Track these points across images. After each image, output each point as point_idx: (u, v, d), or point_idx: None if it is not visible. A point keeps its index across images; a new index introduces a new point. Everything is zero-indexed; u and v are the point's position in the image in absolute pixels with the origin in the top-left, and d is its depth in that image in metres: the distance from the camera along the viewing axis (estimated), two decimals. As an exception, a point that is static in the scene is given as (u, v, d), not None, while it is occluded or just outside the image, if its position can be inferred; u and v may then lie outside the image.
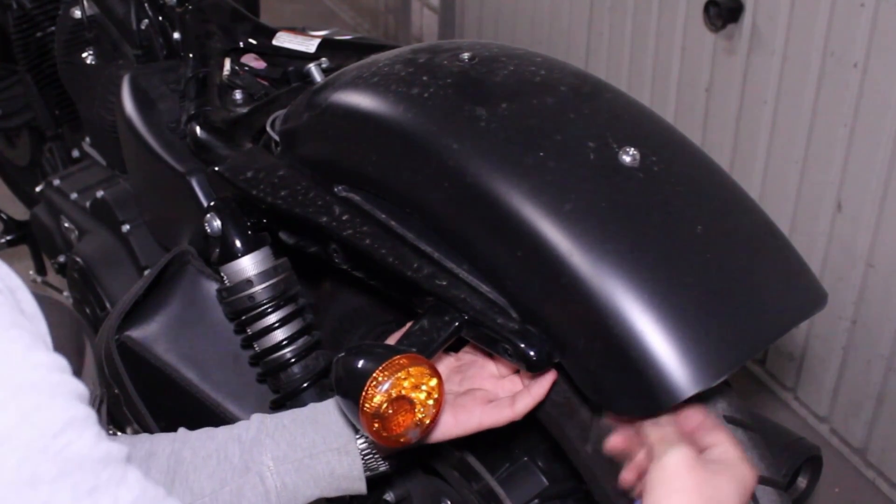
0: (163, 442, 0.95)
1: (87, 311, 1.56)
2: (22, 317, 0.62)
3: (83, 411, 0.61)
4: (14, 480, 0.56)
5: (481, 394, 0.93)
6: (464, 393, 0.93)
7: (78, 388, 0.61)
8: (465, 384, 0.95)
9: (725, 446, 0.79)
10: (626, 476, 0.84)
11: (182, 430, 0.97)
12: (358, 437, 0.93)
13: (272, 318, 1.08)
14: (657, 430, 0.79)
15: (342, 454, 0.92)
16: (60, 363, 0.61)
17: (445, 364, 0.99)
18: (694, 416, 0.81)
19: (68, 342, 1.05)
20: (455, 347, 1.01)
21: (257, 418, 0.96)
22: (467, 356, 0.98)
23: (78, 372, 1.05)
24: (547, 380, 0.90)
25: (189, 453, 0.93)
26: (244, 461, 0.92)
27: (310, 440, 0.93)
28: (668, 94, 2.27)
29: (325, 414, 0.95)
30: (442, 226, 0.89)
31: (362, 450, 0.93)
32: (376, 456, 0.94)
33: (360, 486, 0.95)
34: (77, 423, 0.60)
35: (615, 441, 0.84)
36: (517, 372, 0.95)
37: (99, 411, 1.10)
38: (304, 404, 1.06)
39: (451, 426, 0.91)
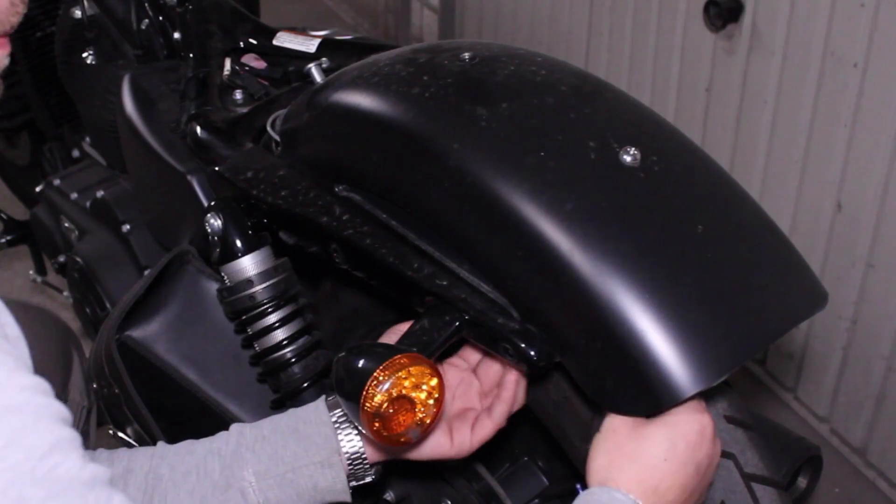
0: (140, 458, 0.92)
1: (87, 311, 1.56)
2: (4, 341, 0.61)
3: (68, 433, 0.61)
4: None
5: (472, 413, 0.93)
6: (456, 415, 0.94)
7: (62, 411, 0.61)
8: (457, 404, 0.95)
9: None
10: None
11: (161, 445, 0.95)
12: (340, 439, 0.90)
13: (272, 318, 1.08)
14: None
15: (325, 467, 0.90)
16: (44, 386, 0.61)
17: None
18: None
19: (54, 356, 1.04)
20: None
21: (236, 429, 0.93)
22: (454, 377, 0.97)
23: (65, 384, 1.04)
24: (512, 381, 0.93)
25: (167, 470, 0.90)
26: (225, 477, 0.89)
27: (291, 453, 0.90)
28: (668, 94, 2.27)
29: (307, 424, 0.92)
30: (442, 225, 0.89)
31: (348, 457, 0.91)
32: (365, 465, 0.92)
33: (344, 498, 0.93)
34: (63, 446, 0.59)
35: None
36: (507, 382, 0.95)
37: (87, 422, 1.09)
38: (304, 404, 1.06)
39: (447, 449, 0.91)
